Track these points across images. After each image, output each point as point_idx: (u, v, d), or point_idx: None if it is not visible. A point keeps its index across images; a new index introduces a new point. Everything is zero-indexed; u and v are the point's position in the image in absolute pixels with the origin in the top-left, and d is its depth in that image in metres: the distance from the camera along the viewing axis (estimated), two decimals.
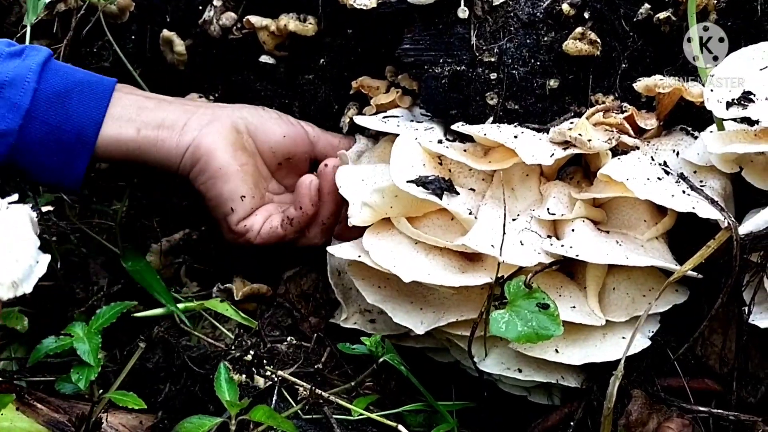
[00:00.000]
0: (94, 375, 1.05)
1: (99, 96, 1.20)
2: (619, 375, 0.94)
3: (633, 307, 1.11)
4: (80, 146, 1.18)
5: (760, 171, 1.05)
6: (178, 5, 1.44)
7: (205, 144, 1.21)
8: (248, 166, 1.24)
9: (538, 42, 1.18)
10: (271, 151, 1.28)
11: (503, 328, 1.04)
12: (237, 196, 1.22)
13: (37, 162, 1.18)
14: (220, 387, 1.00)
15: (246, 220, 1.24)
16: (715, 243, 1.00)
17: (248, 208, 1.24)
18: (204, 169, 1.22)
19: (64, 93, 1.18)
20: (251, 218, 1.24)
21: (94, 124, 1.19)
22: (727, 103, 1.01)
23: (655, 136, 1.16)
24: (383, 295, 1.19)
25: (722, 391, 1.10)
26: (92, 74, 1.24)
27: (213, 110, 1.27)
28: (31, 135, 1.16)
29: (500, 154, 1.16)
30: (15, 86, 1.15)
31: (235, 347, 1.15)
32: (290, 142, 1.28)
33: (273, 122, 1.29)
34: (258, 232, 1.24)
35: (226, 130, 1.23)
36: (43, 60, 1.18)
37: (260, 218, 1.25)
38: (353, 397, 1.16)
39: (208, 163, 1.21)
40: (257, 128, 1.27)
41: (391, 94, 1.30)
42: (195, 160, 1.22)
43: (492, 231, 1.10)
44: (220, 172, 1.21)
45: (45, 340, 1.10)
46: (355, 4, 1.25)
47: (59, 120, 1.17)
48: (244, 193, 1.22)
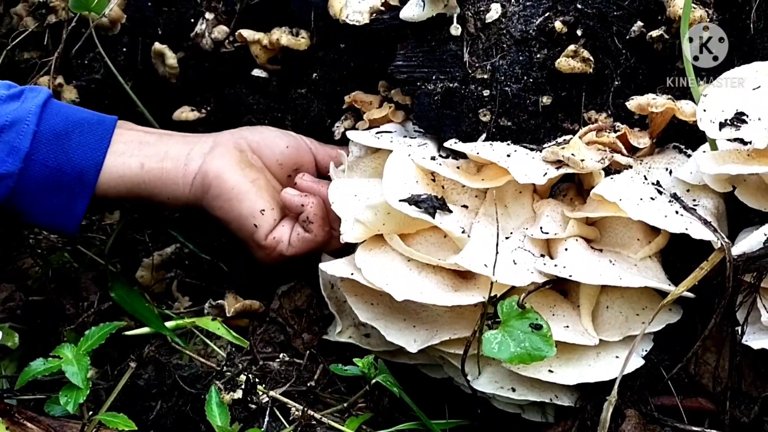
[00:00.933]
0: (83, 398, 1.04)
1: (100, 136, 1.19)
2: (613, 401, 0.94)
3: (627, 326, 1.10)
4: (81, 187, 1.17)
5: (754, 190, 1.04)
6: (170, 18, 1.43)
7: (213, 169, 1.21)
8: (260, 180, 1.24)
9: (530, 59, 1.18)
10: (279, 164, 1.28)
11: (496, 349, 1.03)
12: (257, 212, 1.21)
13: (37, 204, 1.17)
14: (211, 411, 0.99)
15: (273, 232, 1.22)
16: (708, 265, 1.00)
17: (272, 220, 1.22)
18: (217, 194, 1.21)
19: (64, 134, 1.17)
20: (278, 229, 1.23)
21: (95, 164, 1.18)
22: (720, 124, 1.01)
23: (648, 155, 1.15)
24: (376, 313, 1.18)
25: (716, 411, 1.10)
26: (92, 113, 1.23)
27: (214, 137, 1.27)
28: (30, 177, 1.15)
29: (493, 172, 1.16)
30: (14, 129, 1.14)
31: (226, 366, 1.15)
32: (294, 153, 1.28)
33: (274, 136, 1.29)
34: (289, 242, 1.22)
35: (230, 152, 1.23)
36: (42, 101, 1.17)
37: (287, 228, 1.23)
38: (346, 417, 1.15)
39: (219, 186, 1.20)
40: (260, 144, 1.27)
41: (384, 109, 1.30)
42: (206, 187, 1.21)
43: (485, 250, 1.10)
44: (233, 192, 1.20)
45: (33, 362, 1.09)
46: (348, 19, 1.25)
47: (59, 162, 1.17)
48: (263, 206, 1.21)
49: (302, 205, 1.21)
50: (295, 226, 1.24)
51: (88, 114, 1.22)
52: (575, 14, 1.16)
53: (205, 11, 1.40)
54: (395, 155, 1.18)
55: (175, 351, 1.23)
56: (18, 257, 1.49)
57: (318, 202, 1.22)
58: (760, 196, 1.03)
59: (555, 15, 1.17)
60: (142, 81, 1.46)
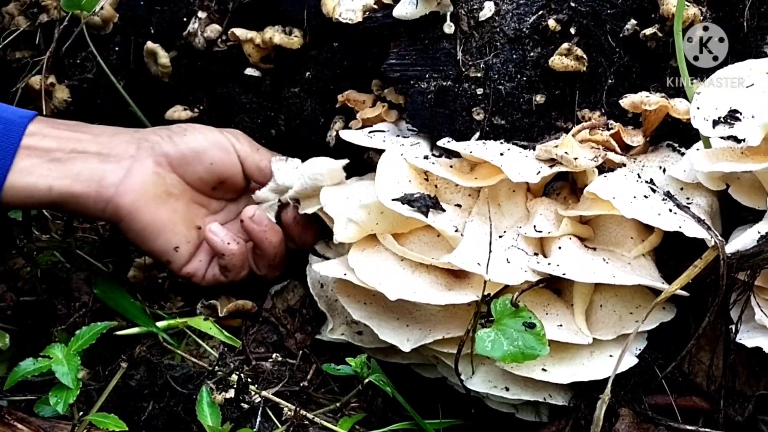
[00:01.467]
0: (73, 398, 1.03)
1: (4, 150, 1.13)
2: (606, 399, 0.93)
3: (620, 325, 1.10)
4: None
5: (747, 188, 1.04)
6: (162, 17, 1.42)
7: (125, 205, 1.17)
8: (177, 213, 1.21)
9: (524, 57, 1.17)
10: (201, 181, 1.25)
11: (489, 347, 1.03)
12: (170, 249, 1.20)
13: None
14: (202, 411, 0.98)
15: (188, 266, 1.23)
16: (702, 263, 1.00)
17: (186, 254, 1.22)
18: (129, 228, 1.19)
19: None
20: (193, 263, 1.23)
21: None
22: (713, 122, 1.01)
23: (641, 153, 1.15)
24: (369, 312, 1.17)
25: (710, 409, 1.10)
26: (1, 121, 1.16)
27: (133, 150, 1.20)
28: None
29: (486, 171, 1.15)
30: None
31: (218, 366, 1.14)
32: (219, 168, 1.25)
33: (198, 151, 1.23)
34: (203, 277, 1.24)
35: (147, 182, 1.18)
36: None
37: (203, 264, 1.24)
38: (339, 417, 1.14)
39: (131, 222, 1.18)
40: (181, 163, 1.22)
41: (377, 109, 1.29)
42: (118, 219, 1.18)
43: (478, 249, 1.09)
44: (146, 231, 1.19)
45: (23, 362, 1.08)
46: (341, 18, 1.24)
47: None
48: (176, 243, 1.20)
49: (223, 254, 1.22)
50: (212, 264, 1.24)
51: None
52: (569, 12, 1.16)
53: (197, 10, 1.40)
54: (388, 154, 1.17)
55: (167, 351, 1.23)
56: (9, 258, 1.48)
57: (239, 252, 1.22)
58: (754, 193, 1.03)
59: (548, 13, 1.16)
60: (134, 80, 1.46)
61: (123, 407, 1.14)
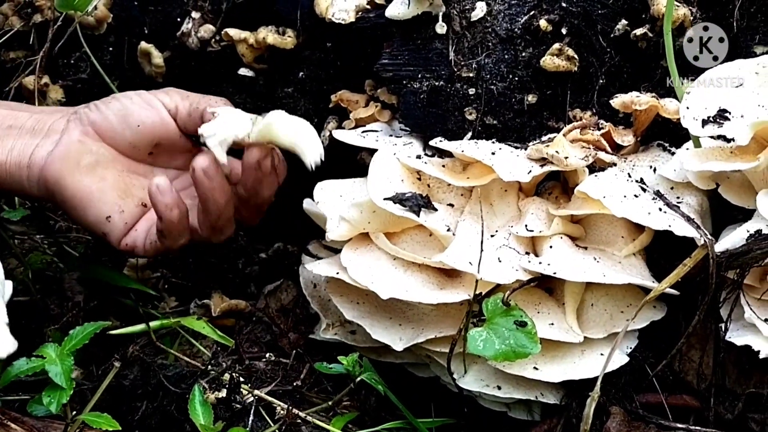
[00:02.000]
0: (66, 398, 1.03)
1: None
2: (595, 397, 0.94)
3: (611, 324, 1.11)
4: None
5: (737, 187, 1.05)
6: (156, 17, 1.43)
7: (52, 175, 1.13)
8: (106, 181, 1.15)
9: (516, 57, 1.18)
10: (133, 147, 1.18)
11: (481, 346, 1.03)
12: (102, 219, 1.14)
13: None
14: (194, 410, 0.99)
15: (126, 237, 1.16)
16: (691, 261, 1.00)
17: (122, 224, 1.15)
18: (60, 201, 1.15)
19: None
20: (131, 234, 1.16)
21: None
22: (702, 121, 1.01)
23: (632, 152, 1.16)
24: (361, 311, 1.18)
25: (700, 408, 1.10)
26: None
27: (64, 124, 1.17)
28: None
29: (478, 170, 1.16)
30: None
31: (211, 366, 1.14)
32: (149, 129, 1.17)
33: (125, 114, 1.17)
34: (144, 248, 1.17)
35: (71, 151, 1.14)
36: None
37: (141, 233, 1.16)
38: (332, 416, 1.15)
39: (60, 194, 1.14)
40: (108, 129, 1.16)
41: (370, 108, 1.29)
42: (49, 193, 1.15)
43: (470, 248, 1.10)
44: (75, 200, 1.14)
45: (16, 361, 1.08)
46: (334, 18, 1.25)
47: None
48: (108, 213, 1.14)
49: (161, 218, 1.11)
50: (151, 229, 1.16)
51: None
52: (560, 13, 1.16)
53: (191, 10, 1.40)
54: (380, 154, 1.18)
55: (161, 351, 1.23)
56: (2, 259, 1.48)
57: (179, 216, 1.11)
58: (743, 193, 1.03)
59: (540, 13, 1.17)
60: (128, 80, 1.46)
61: (117, 407, 1.15)
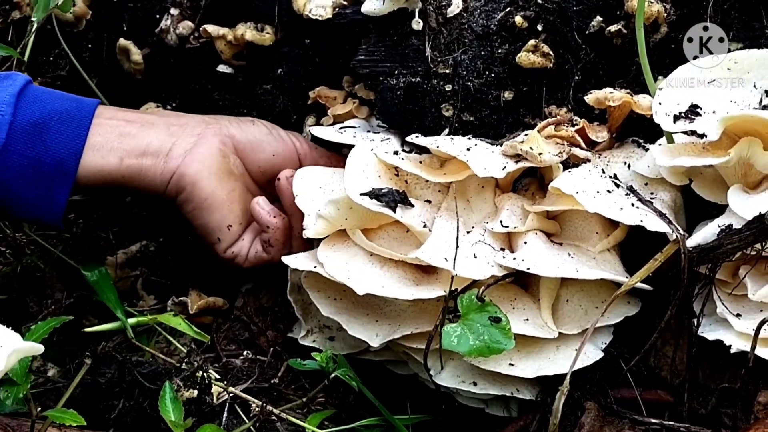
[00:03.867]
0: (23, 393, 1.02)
1: (78, 125, 1.16)
2: (565, 391, 0.94)
3: (586, 320, 1.11)
4: (61, 178, 1.15)
5: (710, 183, 1.05)
6: (135, 14, 1.42)
7: (190, 173, 1.18)
8: (235, 192, 1.22)
9: (492, 54, 1.18)
10: (260, 171, 1.25)
11: (455, 342, 1.03)
12: (224, 226, 1.21)
13: (17, 196, 1.15)
14: (164, 406, 0.98)
15: (233, 246, 1.23)
16: (662, 256, 1.01)
17: (235, 234, 1.23)
18: (189, 199, 1.20)
19: (41, 123, 1.15)
20: (238, 244, 1.23)
21: (74, 155, 1.15)
22: (674, 117, 1.02)
23: (606, 149, 1.16)
24: (338, 307, 1.18)
25: (674, 403, 1.11)
26: (72, 99, 1.20)
27: (201, 129, 1.23)
28: (8, 169, 1.13)
29: (455, 166, 1.16)
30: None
31: (186, 363, 1.14)
32: (279, 161, 1.25)
33: (263, 140, 1.25)
34: (246, 257, 1.24)
35: (212, 155, 1.20)
36: (18, 90, 1.14)
37: (247, 243, 1.24)
38: (308, 413, 1.14)
39: (192, 193, 1.19)
40: (245, 148, 1.24)
41: (348, 105, 1.29)
42: (180, 189, 1.19)
43: (446, 244, 1.10)
44: (205, 203, 1.19)
45: None
46: (311, 14, 1.25)
47: (38, 152, 1.14)
48: (230, 222, 1.21)
49: (268, 227, 1.21)
50: (255, 241, 1.24)
51: (68, 102, 1.19)
52: (536, 9, 1.16)
53: (170, 7, 1.39)
54: (357, 150, 1.17)
55: (137, 348, 1.22)
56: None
57: (284, 226, 1.22)
58: (716, 188, 1.04)
59: (516, 10, 1.17)
60: (107, 77, 1.45)
61: (93, 405, 1.14)
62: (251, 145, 1.24)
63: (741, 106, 1.03)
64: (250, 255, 1.23)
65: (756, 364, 0.99)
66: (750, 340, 0.98)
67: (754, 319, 0.99)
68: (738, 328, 0.99)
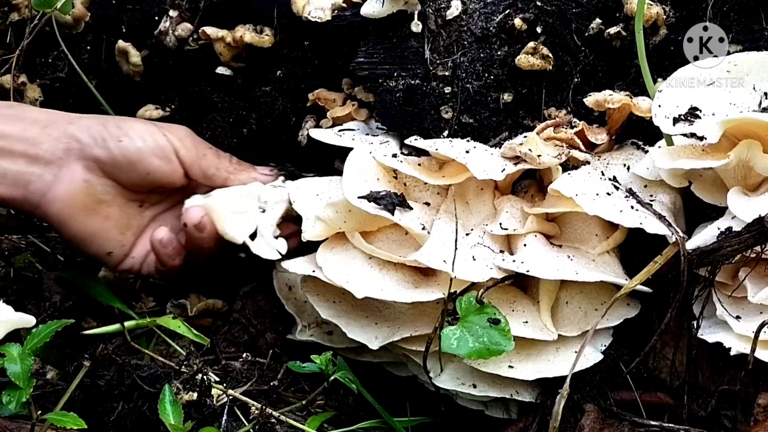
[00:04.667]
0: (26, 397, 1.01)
1: None
2: (565, 393, 0.94)
3: (585, 322, 1.11)
4: None
5: (709, 185, 1.05)
6: (134, 16, 1.42)
7: (53, 213, 1.14)
8: (109, 220, 1.18)
9: (491, 56, 1.18)
10: (136, 186, 1.19)
11: (454, 345, 1.03)
12: (103, 254, 1.19)
13: None
14: (164, 409, 0.98)
15: (123, 263, 1.21)
16: (662, 259, 1.01)
17: (120, 256, 1.20)
18: (62, 233, 1.17)
19: None
20: (128, 261, 1.21)
21: None
22: (674, 119, 1.02)
23: (606, 151, 1.16)
24: (337, 310, 1.18)
25: (674, 405, 1.11)
26: None
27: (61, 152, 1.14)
28: None
29: (454, 169, 1.16)
30: None
31: (185, 366, 1.13)
32: (156, 178, 1.18)
33: (134, 160, 1.15)
34: (140, 271, 1.23)
35: (75, 192, 1.14)
36: None
37: (138, 260, 1.21)
38: (307, 415, 1.14)
39: (61, 232, 1.17)
40: (112, 169, 1.16)
41: (347, 107, 1.29)
42: (50, 223, 1.17)
43: (445, 246, 1.10)
44: (77, 239, 1.17)
45: None
46: (310, 16, 1.24)
47: None
48: (109, 249, 1.19)
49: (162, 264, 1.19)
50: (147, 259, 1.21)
51: None
52: (535, 11, 1.16)
53: (169, 9, 1.39)
54: (355, 153, 1.17)
55: (136, 351, 1.22)
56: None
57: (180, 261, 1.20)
58: (715, 190, 1.04)
59: (515, 12, 1.17)
60: (106, 79, 1.45)
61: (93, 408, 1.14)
62: (119, 165, 1.16)
63: (740, 108, 1.04)
64: (144, 270, 1.22)
65: (756, 367, 0.99)
66: (750, 343, 0.97)
67: (753, 322, 0.99)
68: (738, 330, 0.99)
